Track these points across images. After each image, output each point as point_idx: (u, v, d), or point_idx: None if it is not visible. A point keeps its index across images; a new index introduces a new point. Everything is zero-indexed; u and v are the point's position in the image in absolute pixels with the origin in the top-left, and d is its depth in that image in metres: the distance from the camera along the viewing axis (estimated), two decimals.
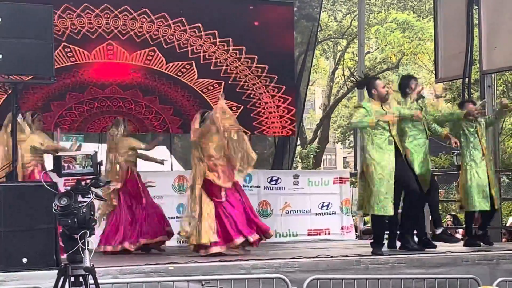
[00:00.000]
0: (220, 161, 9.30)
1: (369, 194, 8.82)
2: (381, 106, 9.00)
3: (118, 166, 10.16)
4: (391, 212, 8.83)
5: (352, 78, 11.52)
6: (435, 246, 9.52)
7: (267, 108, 13.20)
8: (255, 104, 13.08)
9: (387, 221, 9.28)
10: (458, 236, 15.34)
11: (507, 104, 10.02)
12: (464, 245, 10.02)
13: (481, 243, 9.93)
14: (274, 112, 13.23)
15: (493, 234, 11.77)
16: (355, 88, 9.71)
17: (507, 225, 13.48)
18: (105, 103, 12.30)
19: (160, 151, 15.24)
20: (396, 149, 8.91)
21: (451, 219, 16.93)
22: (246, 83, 13.04)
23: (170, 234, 10.28)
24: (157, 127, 12.74)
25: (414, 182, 9.01)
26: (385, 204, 8.77)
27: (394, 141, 8.91)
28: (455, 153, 19.05)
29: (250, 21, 13.14)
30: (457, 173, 11.78)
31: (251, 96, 13.06)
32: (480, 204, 9.70)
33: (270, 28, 13.25)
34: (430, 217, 10.26)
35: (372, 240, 9.38)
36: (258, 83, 13.08)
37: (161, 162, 10.89)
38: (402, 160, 8.98)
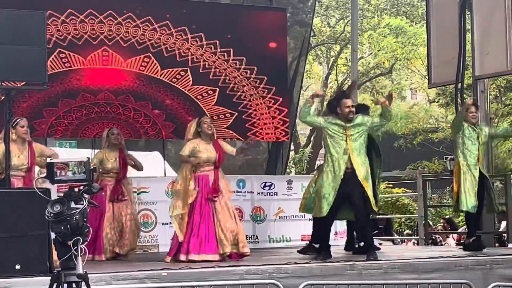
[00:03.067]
0: None
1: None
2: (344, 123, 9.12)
3: None
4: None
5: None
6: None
7: (258, 109, 13.20)
8: (246, 106, 13.09)
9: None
10: (452, 240, 15.38)
11: None
12: (464, 249, 10.11)
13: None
14: (266, 113, 13.23)
15: (486, 239, 11.81)
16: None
17: (500, 229, 13.48)
18: (99, 109, 12.28)
19: (154, 157, 15.26)
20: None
21: (444, 223, 16.93)
22: (239, 89, 13.03)
23: None
24: (150, 133, 12.73)
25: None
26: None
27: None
28: (448, 158, 19.12)
29: (243, 27, 13.13)
30: (450, 178, 11.82)
31: (242, 98, 13.06)
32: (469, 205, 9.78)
33: (263, 34, 13.26)
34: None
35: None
36: (248, 84, 13.09)
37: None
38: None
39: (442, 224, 16.92)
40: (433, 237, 14.89)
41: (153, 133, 12.70)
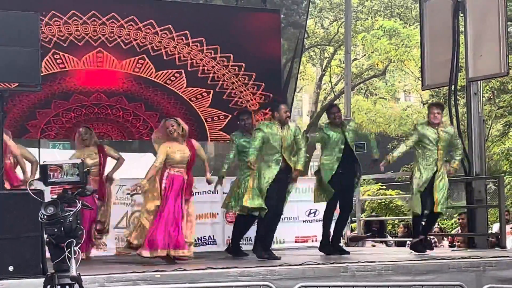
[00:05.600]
0: None
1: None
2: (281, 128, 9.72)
3: None
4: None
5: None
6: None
7: (253, 113, 13.18)
8: (237, 104, 13.08)
9: None
10: (446, 242, 15.38)
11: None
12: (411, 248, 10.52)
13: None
14: (261, 118, 13.21)
15: (480, 241, 11.83)
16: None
17: (493, 231, 13.48)
18: (92, 110, 12.26)
19: (147, 159, 15.22)
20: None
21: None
22: (233, 90, 13.03)
23: None
24: (144, 134, 12.72)
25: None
26: None
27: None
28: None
29: (236, 28, 13.12)
30: None
31: (238, 104, 13.05)
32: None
33: (257, 35, 13.25)
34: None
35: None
36: (245, 90, 13.08)
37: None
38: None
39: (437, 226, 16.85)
40: (427, 239, 14.89)
41: (145, 132, 12.68)
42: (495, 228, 13.68)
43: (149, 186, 9.39)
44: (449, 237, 15.08)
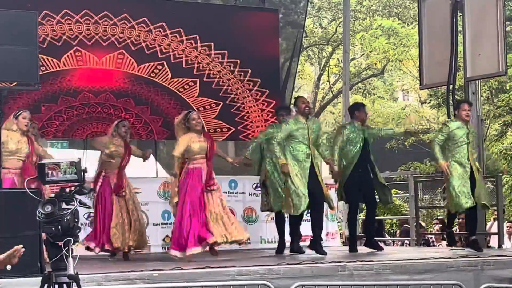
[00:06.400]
0: None
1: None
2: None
3: None
4: None
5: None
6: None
7: (251, 112, 13.19)
8: (239, 109, 13.07)
9: None
10: (445, 242, 15.35)
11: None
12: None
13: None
14: (259, 116, 13.22)
15: (478, 240, 11.83)
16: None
17: (487, 229, 13.49)
18: (96, 109, 12.24)
19: None
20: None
21: (439, 223, 16.85)
22: (230, 87, 13.02)
23: None
24: (143, 136, 12.72)
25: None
26: None
27: None
28: None
29: (235, 28, 13.12)
30: (441, 179, 11.83)
31: (235, 100, 13.05)
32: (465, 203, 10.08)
33: (255, 35, 13.25)
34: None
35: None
36: (241, 87, 13.07)
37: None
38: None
39: (437, 224, 16.80)
40: (426, 238, 14.90)
41: (145, 134, 12.68)
42: (489, 225, 13.74)
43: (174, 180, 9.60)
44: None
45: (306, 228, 10.84)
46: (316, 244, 10.13)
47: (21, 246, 4.52)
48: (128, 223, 10.05)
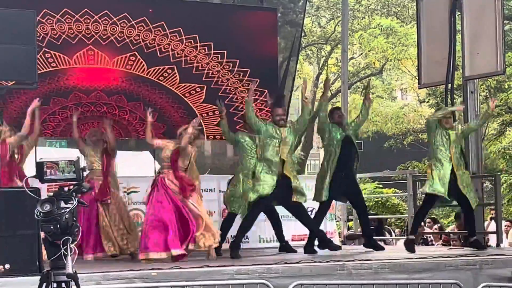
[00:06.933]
0: None
1: None
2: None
3: None
4: None
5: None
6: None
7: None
8: (237, 108, 13.04)
9: None
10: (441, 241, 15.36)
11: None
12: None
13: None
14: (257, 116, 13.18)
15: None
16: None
17: (484, 228, 13.48)
18: (89, 109, 12.23)
19: (144, 157, 15.23)
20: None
21: (431, 222, 16.83)
22: (228, 87, 13.00)
23: None
24: (140, 132, 12.69)
25: None
26: None
27: None
28: None
29: (233, 27, 13.10)
30: None
31: (234, 100, 13.03)
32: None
33: (253, 34, 13.22)
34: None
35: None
36: (240, 87, 13.05)
37: None
38: None
39: (429, 223, 16.75)
40: (424, 237, 14.89)
41: (142, 130, 12.64)
42: (491, 226, 13.72)
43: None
44: (444, 235, 15.06)
45: (305, 229, 10.85)
46: (325, 242, 10.43)
47: None
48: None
